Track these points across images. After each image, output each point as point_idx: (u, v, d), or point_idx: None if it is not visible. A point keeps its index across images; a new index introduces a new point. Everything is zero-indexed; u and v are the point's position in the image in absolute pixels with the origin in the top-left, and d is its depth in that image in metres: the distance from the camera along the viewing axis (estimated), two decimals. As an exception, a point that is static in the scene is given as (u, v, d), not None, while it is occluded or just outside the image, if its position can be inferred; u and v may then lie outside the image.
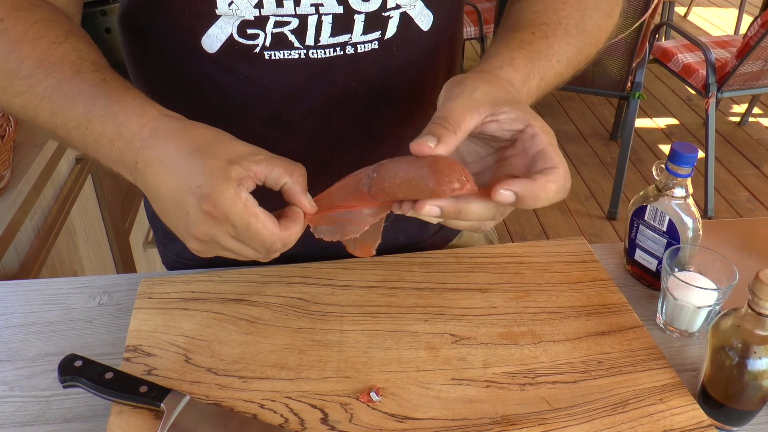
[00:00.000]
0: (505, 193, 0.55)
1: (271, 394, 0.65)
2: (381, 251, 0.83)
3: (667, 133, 3.61)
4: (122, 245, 1.77)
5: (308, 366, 0.68)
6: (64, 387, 0.64)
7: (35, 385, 0.68)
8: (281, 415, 0.63)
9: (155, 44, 0.74)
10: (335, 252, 0.84)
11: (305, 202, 0.60)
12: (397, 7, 0.70)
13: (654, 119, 3.75)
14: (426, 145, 0.55)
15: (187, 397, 0.63)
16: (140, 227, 1.95)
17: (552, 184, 0.56)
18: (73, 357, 0.65)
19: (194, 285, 0.77)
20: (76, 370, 0.64)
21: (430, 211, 0.56)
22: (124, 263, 1.77)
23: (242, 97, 0.72)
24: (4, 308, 0.78)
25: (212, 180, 0.55)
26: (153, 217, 0.93)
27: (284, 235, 0.58)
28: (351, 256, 0.82)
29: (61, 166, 1.44)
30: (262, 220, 0.57)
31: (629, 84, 2.77)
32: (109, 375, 0.64)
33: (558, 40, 0.69)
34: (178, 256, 0.91)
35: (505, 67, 0.64)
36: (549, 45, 0.68)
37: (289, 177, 0.59)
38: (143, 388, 0.63)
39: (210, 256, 0.61)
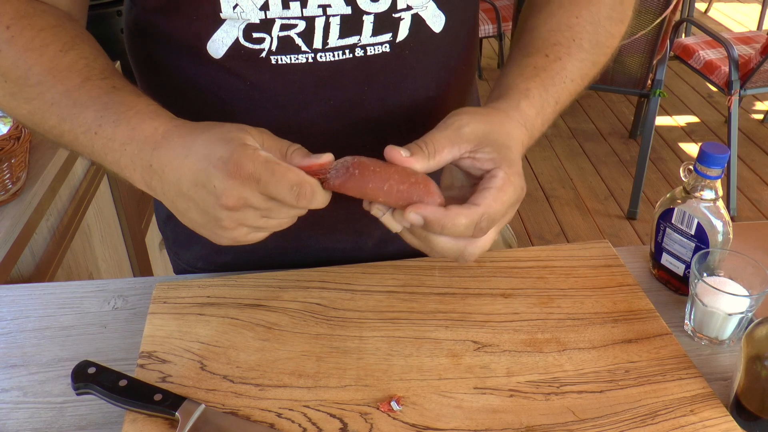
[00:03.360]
0: (412, 216, 0.57)
1: (289, 402, 0.63)
2: (400, 257, 0.81)
3: (687, 132, 3.57)
4: (138, 246, 1.77)
5: (327, 374, 0.66)
6: (78, 394, 0.63)
7: (49, 391, 0.67)
8: (299, 425, 0.61)
9: (161, 50, 0.73)
10: (353, 256, 0.82)
11: (316, 160, 0.60)
12: (408, 8, 0.68)
13: (674, 117, 3.70)
14: (398, 152, 0.58)
15: (203, 406, 0.61)
16: (156, 228, 1.95)
17: (462, 218, 0.57)
18: (86, 363, 0.64)
19: (210, 290, 0.76)
20: (89, 377, 0.63)
21: (414, 219, 0.58)
22: (140, 264, 1.77)
23: (249, 103, 0.71)
24: (19, 312, 0.77)
25: (230, 146, 0.56)
26: (164, 225, 0.92)
27: (310, 178, 0.58)
28: (369, 260, 0.81)
29: (77, 167, 1.44)
30: (284, 165, 0.57)
31: (650, 81, 2.73)
32: (123, 382, 0.62)
33: (572, 58, 0.70)
34: (189, 265, 0.90)
35: (522, 103, 0.65)
36: (563, 67, 0.69)
37: (290, 145, 0.60)
38: (158, 396, 0.61)
39: (241, 241, 0.61)
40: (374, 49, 0.69)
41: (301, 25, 0.66)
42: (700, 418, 0.62)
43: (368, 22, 0.67)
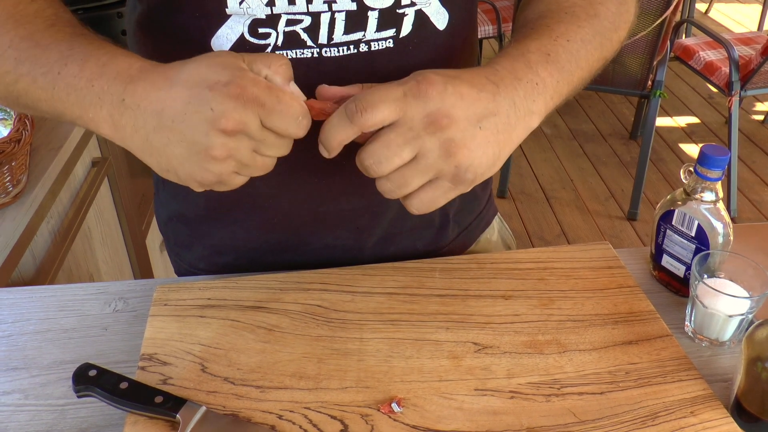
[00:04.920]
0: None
1: (290, 404, 0.63)
2: (400, 258, 0.82)
3: (688, 132, 3.57)
4: (139, 248, 1.77)
5: (327, 375, 0.66)
6: (79, 396, 0.63)
7: (50, 394, 0.67)
8: (300, 427, 0.61)
9: (164, 48, 0.72)
10: (354, 255, 0.82)
11: (289, 90, 0.58)
12: (412, 4, 0.69)
13: (674, 118, 3.70)
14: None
15: (204, 408, 0.61)
16: (157, 230, 1.94)
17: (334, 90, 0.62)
18: (87, 366, 0.64)
19: (211, 292, 0.76)
20: (90, 380, 0.63)
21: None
22: (141, 266, 1.77)
23: None
24: (20, 315, 0.77)
25: (229, 71, 0.55)
26: (165, 226, 0.92)
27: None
28: (370, 259, 0.81)
29: (78, 169, 1.44)
30: (289, 93, 0.57)
31: (650, 82, 2.73)
32: (123, 385, 0.62)
33: (563, 22, 0.68)
34: (191, 266, 0.90)
35: (494, 61, 0.64)
36: (550, 28, 0.67)
37: (267, 68, 0.58)
38: (158, 399, 0.61)
39: (225, 181, 0.58)
40: (378, 45, 0.70)
41: (307, 21, 0.67)
42: (701, 420, 0.62)
43: (373, 18, 0.68)
